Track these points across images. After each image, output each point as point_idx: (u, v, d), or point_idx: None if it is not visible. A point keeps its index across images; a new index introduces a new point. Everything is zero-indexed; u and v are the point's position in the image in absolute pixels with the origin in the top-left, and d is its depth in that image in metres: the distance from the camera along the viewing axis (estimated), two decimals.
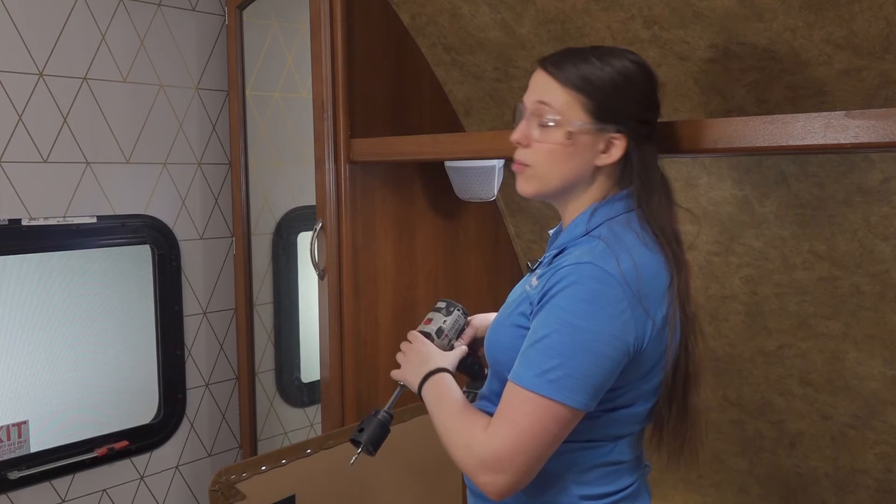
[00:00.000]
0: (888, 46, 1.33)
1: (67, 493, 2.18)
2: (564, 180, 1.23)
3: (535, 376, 1.11)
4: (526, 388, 1.12)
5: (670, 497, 2.31)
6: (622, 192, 1.24)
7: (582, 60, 1.20)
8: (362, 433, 1.36)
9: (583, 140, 1.20)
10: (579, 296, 1.12)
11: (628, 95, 1.21)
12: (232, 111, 2.46)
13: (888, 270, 1.61)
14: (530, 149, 1.23)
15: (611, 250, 1.15)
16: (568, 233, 1.25)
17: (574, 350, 1.10)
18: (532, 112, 1.23)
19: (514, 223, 2.35)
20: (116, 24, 2.21)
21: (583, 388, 1.11)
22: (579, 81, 1.19)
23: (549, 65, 1.23)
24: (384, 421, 1.37)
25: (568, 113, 1.19)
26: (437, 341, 1.42)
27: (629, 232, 1.20)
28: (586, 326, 1.10)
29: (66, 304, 2.19)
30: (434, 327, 1.44)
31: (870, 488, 1.91)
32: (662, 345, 1.19)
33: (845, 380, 1.80)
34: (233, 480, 1.65)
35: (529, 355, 1.13)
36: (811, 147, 1.21)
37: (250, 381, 2.53)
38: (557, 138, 1.20)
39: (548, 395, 1.10)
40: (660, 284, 1.18)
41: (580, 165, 1.22)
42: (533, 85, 1.25)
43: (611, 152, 1.21)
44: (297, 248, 2.68)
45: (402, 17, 2.04)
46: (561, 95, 1.20)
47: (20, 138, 2.04)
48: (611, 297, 1.11)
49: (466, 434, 1.18)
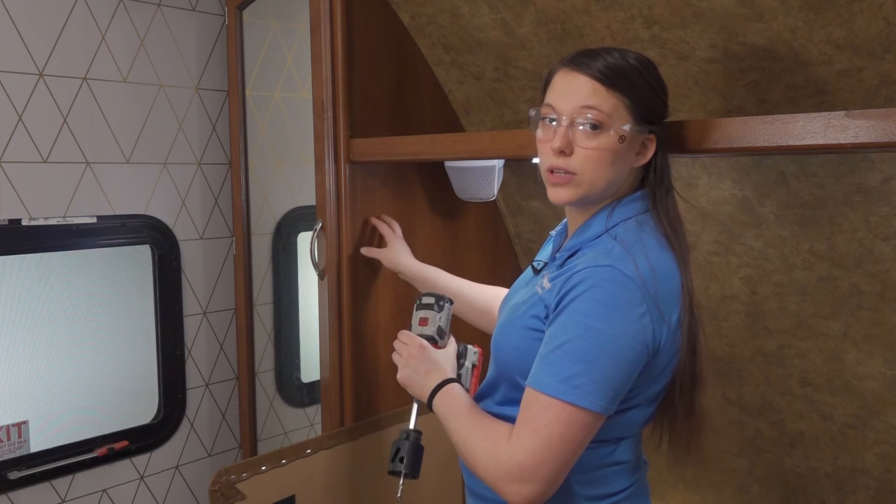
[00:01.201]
0: (888, 46, 1.33)
1: (67, 493, 2.18)
2: (610, 185, 1.21)
3: (559, 382, 1.10)
4: (549, 394, 1.10)
5: (670, 497, 2.31)
6: (637, 192, 1.25)
7: (618, 62, 1.19)
8: (402, 462, 1.31)
9: (628, 143, 1.19)
10: (599, 299, 1.11)
11: (660, 96, 1.23)
12: (232, 111, 2.46)
13: (888, 270, 1.61)
14: (574, 156, 1.19)
15: (629, 253, 1.15)
16: (581, 233, 1.25)
17: (596, 354, 1.10)
18: (573, 117, 1.19)
19: (514, 223, 2.35)
20: (116, 24, 2.21)
21: (605, 392, 1.11)
22: (624, 84, 1.18)
23: (586, 68, 1.19)
24: (416, 441, 1.34)
25: (616, 116, 1.18)
26: (441, 342, 1.38)
27: (645, 233, 1.20)
28: (607, 330, 1.10)
29: (66, 304, 2.19)
30: (433, 328, 1.39)
31: (870, 488, 1.91)
32: (675, 347, 1.19)
33: (845, 380, 1.80)
34: (233, 480, 1.65)
35: (551, 361, 1.12)
36: (811, 147, 1.21)
37: (250, 381, 2.53)
38: (609, 143, 1.18)
39: (572, 401, 1.10)
40: (675, 287, 1.19)
41: (623, 168, 1.22)
42: (570, 90, 1.20)
43: (645, 154, 1.23)
44: (297, 248, 2.68)
45: (402, 17, 2.04)
46: (608, 99, 1.18)
47: (20, 138, 2.04)
48: (630, 300, 1.11)
49: (490, 445, 1.16)
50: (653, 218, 1.23)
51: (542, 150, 1.24)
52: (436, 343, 1.39)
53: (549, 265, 1.29)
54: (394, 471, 1.33)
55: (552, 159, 1.21)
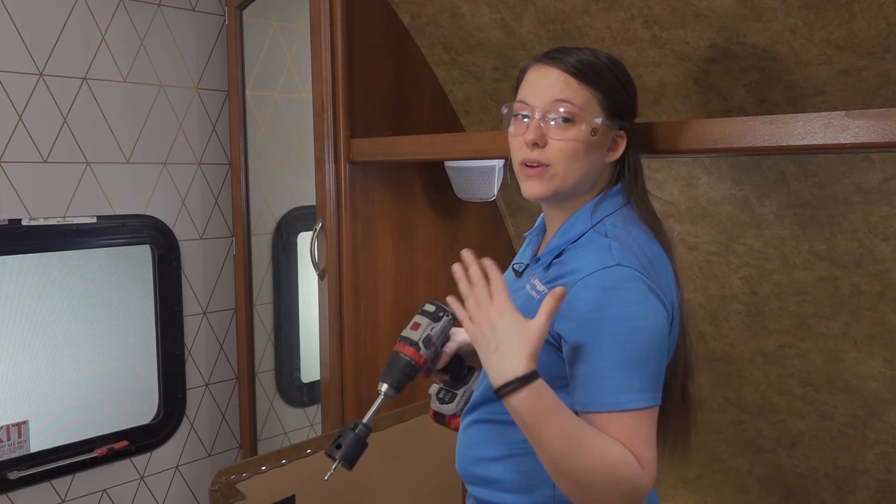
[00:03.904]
0: (888, 46, 1.33)
1: (67, 493, 2.18)
2: (581, 178, 1.22)
3: (639, 391, 1.10)
4: (638, 408, 1.10)
5: (670, 497, 2.31)
6: (615, 187, 1.26)
7: (589, 58, 1.21)
8: (339, 449, 1.28)
9: (600, 137, 1.20)
10: (625, 299, 1.11)
11: (630, 94, 1.26)
12: (232, 111, 2.46)
13: (888, 270, 1.61)
14: (547, 148, 1.20)
15: (626, 248, 1.16)
16: (564, 232, 1.24)
17: (645, 353, 1.11)
18: (546, 110, 1.20)
19: (514, 223, 2.35)
20: (116, 24, 2.21)
21: (659, 383, 1.14)
22: (596, 79, 1.20)
23: (559, 62, 1.21)
24: (361, 435, 1.29)
25: (588, 109, 1.19)
26: (424, 351, 1.34)
27: (632, 226, 1.21)
28: (645, 327, 1.11)
29: (66, 304, 2.19)
30: (420, 335, 1.35)
31: (870, 488, 1.91)
32: (675, 333, 1.21)
33: (845, 380, 1.80)
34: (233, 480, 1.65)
35: (618, 379, 1.10)
36: (811, 147, 1.21)
37: (250, 381, 2.53)
38: (581, 135, 1.19)
39: (653, 403, 1.12)
40: (670, 275, 1.21)
41: (595, 162, 1.22)
42: (543, 84, 1.21)
43: (616, 150, 1.24)
44: (297, 248, 2.68)
45: (402, 17, 2.04)
46: (581, 92, 1.19)
47: (20, 138, 2.04)
48: (647, 292, 1.13)
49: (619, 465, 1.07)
50: (634, 210, 1.24)
51: (514, 144, 1.25)
52: (417, 350, 1.34)
53: (532, 266, 1.29)
54: (329, 454, 1.30)
55: (525, 152, 1.22)
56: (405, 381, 1.34)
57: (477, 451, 1.30)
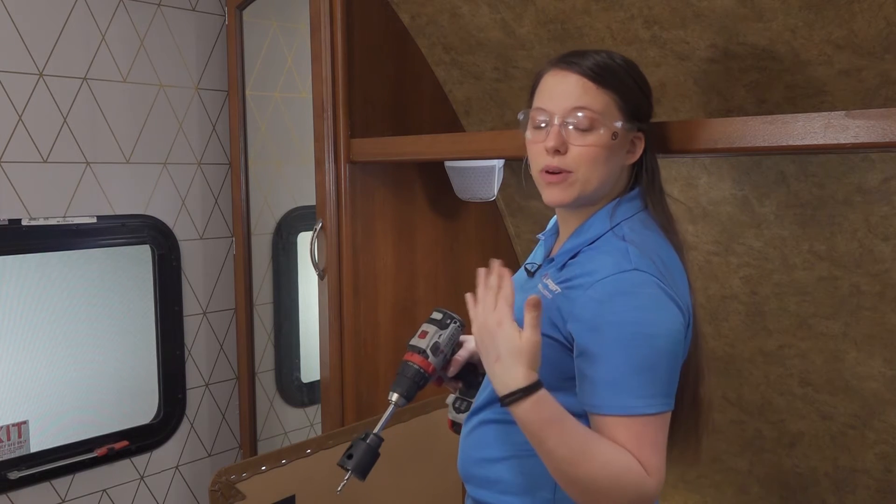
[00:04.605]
0: (888, 46, 1.33)
1: (67, 493, 2.18)
2: (602, 183, 1.21)
3: (649, 397, 1.10)
4: (650, 413, 1.10)
5: (670, 497, 2.31)
6: (633, 191, 1.26)
7: (606, 61, 1.20)
8: (351, 459, 1.29)
9: (620, 140, 1.20)
10: (639, 304, 1.11)
11: (646, 95, 1.25)
12: (232, 111, 2.46)
13: (888, 270, 1.61)
14: (568, 154, 1.19)
15: (644, 252, 1.15)
16: (580, 234, 1.24)
17: (657, 358, 1.11)
18: (565, 117, 1.19)
19: (514, 223, 2.35)
20: (116, 24, 2.21)
21: (672, 389, 1.13)
22: (614, 82, 1.19)
23: (576, 66, 1.20)
24: (373, 446, 1.30)
25: (608, 114, 1.19)
26: (433, 359, 1.34)
27: (649, 231, 1.21)
28: (658, 332, 1.11)
29: (66, 304, 2.19)
30: (428, 343, 1.35)
31: (870, 488, 1.91)
32: (688, 338, 1.21)
33: (845, 380, 1.80)
34: (233, 480, 1.65)
35: (628, 384, 1.10)
36: (811, 147, 1.21)
37: (250, 381, 2.53)
38: (601, 140, 1.18)
39: (663, 409, 1.11)
40: (684, 281, 1.21)
41: (616, 166, 1.22)
42: (561, 89, 1.20)
43: (635, 152, 1.24)
44: (297, 248, 2.68)
45: (402, 17, 2.04)
46: (599, 96, 1.19)
47: (20, 138, 2.04)
48: (663, 298, 1.13)
49: (624, 473, 1.08)
50: (651, 215, 1.24)
51: (533, 151, 1.24)
52: (425, 358, 1.34)
53: (545, 267, 1.29)
54: (341, 465, 1.31)
55: (546, 159, 1.21)
56: (415, 390, 1.34)
57: (482, 451, 1.30)
